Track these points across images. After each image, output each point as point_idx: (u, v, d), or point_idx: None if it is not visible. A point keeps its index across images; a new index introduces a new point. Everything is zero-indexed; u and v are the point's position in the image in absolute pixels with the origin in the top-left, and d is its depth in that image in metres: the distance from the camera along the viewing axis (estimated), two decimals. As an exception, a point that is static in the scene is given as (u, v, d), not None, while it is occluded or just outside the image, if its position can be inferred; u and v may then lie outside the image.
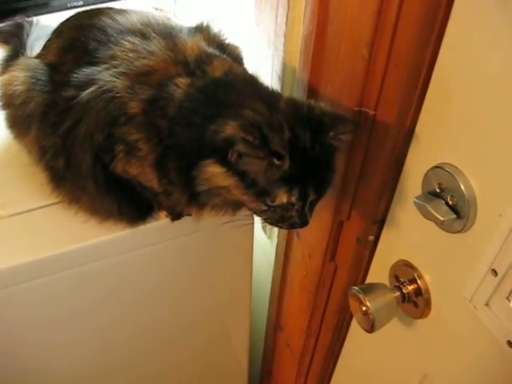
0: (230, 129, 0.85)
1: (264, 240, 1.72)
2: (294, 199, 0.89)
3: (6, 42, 1.43)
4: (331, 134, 0.89)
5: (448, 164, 0.79)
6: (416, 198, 0.82)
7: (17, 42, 1.36)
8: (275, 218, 0.93)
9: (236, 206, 0.98)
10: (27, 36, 1.37)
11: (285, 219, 0.92)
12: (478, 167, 0.75)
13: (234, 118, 0.87)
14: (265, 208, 0.91)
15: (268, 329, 1.82)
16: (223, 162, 0.88)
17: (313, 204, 0.94)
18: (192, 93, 0.95)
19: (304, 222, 0.93)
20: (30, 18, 1.47)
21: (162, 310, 1.41)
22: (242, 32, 1.46)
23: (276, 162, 0.85)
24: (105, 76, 0.98)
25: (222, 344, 1.71)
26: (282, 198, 0.88)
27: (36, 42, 1.34)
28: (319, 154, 0.89)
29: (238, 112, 0.88)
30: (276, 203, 0.89)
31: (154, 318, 1.42)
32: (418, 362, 1.02)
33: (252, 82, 1.04)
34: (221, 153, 0.87)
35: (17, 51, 1.31)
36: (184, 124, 0.94)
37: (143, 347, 1.49)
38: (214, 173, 0.89)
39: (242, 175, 0.88)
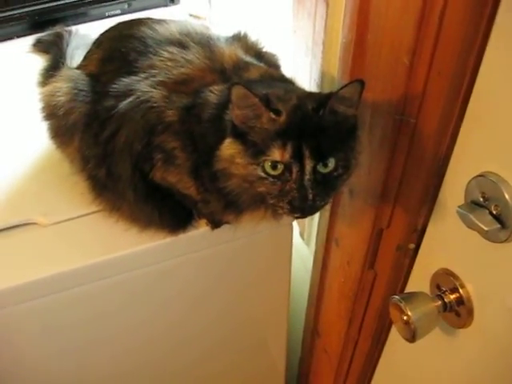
0: None
1: (302, 246, 1.72)
2: (287, 156, 0.86)
3: (46, 51, 1.46)
4: (334, 94, 0.87)
5: (492, 173, 0.77)
6: (459, 207, 0.81)
7: (56, 51, 1.39)
8: (275, 192, 0.89)
9: (260, 200, 0.97)
10: (67, 45, 1.39)
11: (284, 194, 0.88)
12: (522, 176, 0.74)
13: None
14: (262, 174, 0.88)
15: (305, 334, 1.82)
16: (231, 134, 0.91)
17: (319, 185, 0.88)
18: (224, 95, 0.96)
19: (303, 200, 0.87)
20: (69, 28, 1.49)
21: (202, 316, 1.42)
22: (278, 38, 1.47)
23: (273, 115, 0.86)
24: (142, 86, 1.00)
25: (260, 349, 1.71)
26: (275, 153, 0.86)
27: (75, 51, 1.37)
28: (323, 118, 0.88)
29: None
30: (270, 159, 0.87)
31: (194, 324, 1.43)
32: (459, 373, 1.00)
33: (284, 80, 1.06)
34: (230, 127, 0.91)
35: (57, 60, 1.34)
36: (212, 126, 0.95)
37: (182, 353, 1.50)
38: (224, 146, 0.91)
39: (243, 141, 0.89)
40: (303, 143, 0.85)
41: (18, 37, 1.72)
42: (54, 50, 1.42)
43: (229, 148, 0.90)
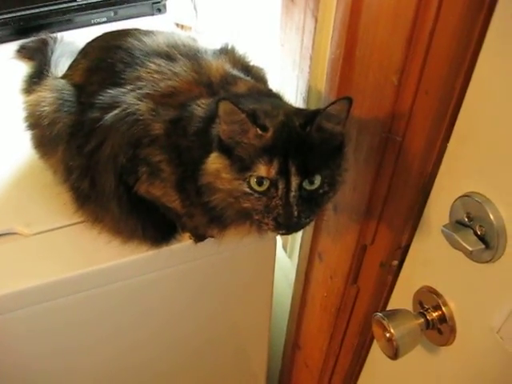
0: None
1: (284, 258, 1.72)
2: (273, 173, 0.85)
3: (30, 58, 1.45)
4: (321, 111, 0.86)
5: (477, 193, 0.77)
6: (444, 226, 0.81)
7: (41, 58, 1.37)
8: (260, 208, 0.88)
9: (245, 215, 0.97)
10: (51, 52, 1.38)
11: (269, 210, 0.88)
12: (507, 197, 0.74)
13: None
14: (248, 190, 0.87)
15: (286, 348, 1.81)
16: (217, 149, 0.90)
17: (305, 202, 0.88)
18: (210, 109, 0.95)
19: (289, 217, 0.87)
20: (54, 35, 1.48)
21: (183, 327, 1.41)
22: (265, 50, 1.47)
23: (259, 131, 0.86)
24: (129, 98, 0.99)
25: (240, 362, 1.70)
26: (261, 169, 0.85)
27: (60, 59, 1.36)
28: (310, 135, 0.87)
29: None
30: (256, 175, 0.86)
31: (174, 336, 1.42)
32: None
33: (271, 95, 1.05)
34: (216, 142, 0.90)
35: (41, 68, 1.32)
36: (198, 140, 0.95)
37: (161, 365, 1.49)
38: (209, 160, 0.90)
39: (229, 155, 0.88)
40: (289, 160, 0.85)
41: (2, 42, 1.70)
42: (38, 57, 1.40)
43: (214, 162, 0.90)
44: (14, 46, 1.52)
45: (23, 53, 1.50)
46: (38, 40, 1.48)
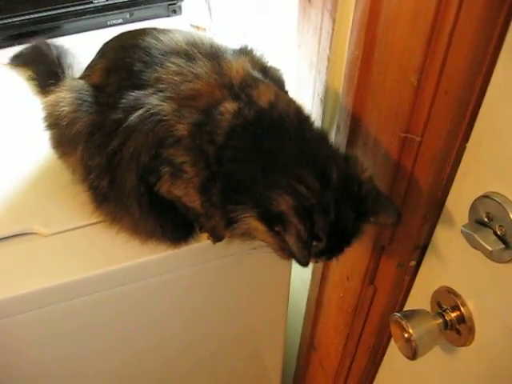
0: (284, 205, 0.87)
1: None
2: (324, 258, 0.97)
3: (26, 64, 1.52)
4: (371, 219, 0.93)
5: (497, 193, 0.77)
6: (463, 226, 0.81)
7: (47, 62, 1.42)
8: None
9: None
10: (58, 57, 1.41)
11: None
12: (528, 197, 0.74)
13: (288, 191, 0.88)
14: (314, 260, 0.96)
15: (301, 348, 1.81)
16: (267, 223, 0.90)
17: None
18: (239, 127, 0.95)
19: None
20: (48, 40, 1.51)
21: (200, 328, 1.41)
22: (281, 51, 1.46)
23: (314, 243, 0.89)
24: (152, 100, 0.99)
25: (255, 362, 1.70)
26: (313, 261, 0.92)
27: (72, 61, 1.39)
28: (354, 231, 0.93)
29: (292, 184, 0.88)
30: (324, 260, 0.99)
31: (191, 336, 1.42)
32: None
33: (302, 129, 1.00)
34: (268, 216, 0.90)
35: (53, 70, 1.35)
36: (231, 163, 0.94)
37: (175, 366, 1.50)
38: (255, 227, 0.91)
39: (281, 239, 0.90)
40: (336, 253, 0.96)
41: (19, 44, 1.71)
42: (41, 62, 1.43)
43: (259, 231, 0.92)
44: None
45: (18, 61, 1.53)
46: (32, 47, 1.51)
